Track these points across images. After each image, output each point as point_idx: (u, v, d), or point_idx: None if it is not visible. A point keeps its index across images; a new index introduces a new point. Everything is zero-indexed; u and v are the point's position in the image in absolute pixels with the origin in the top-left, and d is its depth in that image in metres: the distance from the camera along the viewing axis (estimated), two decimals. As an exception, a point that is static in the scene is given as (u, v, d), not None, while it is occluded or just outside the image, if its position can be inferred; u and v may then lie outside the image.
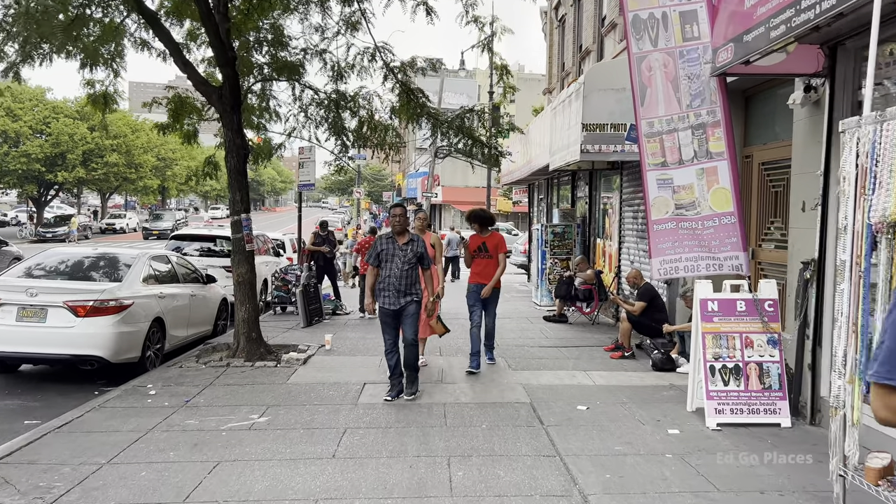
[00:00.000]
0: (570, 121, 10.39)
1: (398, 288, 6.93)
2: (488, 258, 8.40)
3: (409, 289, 6.98)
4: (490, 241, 8.48)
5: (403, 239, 7.02)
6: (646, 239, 11.24)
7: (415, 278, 7.03)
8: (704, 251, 6.37)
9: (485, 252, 8.42)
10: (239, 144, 9.18)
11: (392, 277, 6.94)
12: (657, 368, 8.62)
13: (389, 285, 6.95)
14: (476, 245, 8.49)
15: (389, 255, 6.97)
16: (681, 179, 6.39)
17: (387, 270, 6.98)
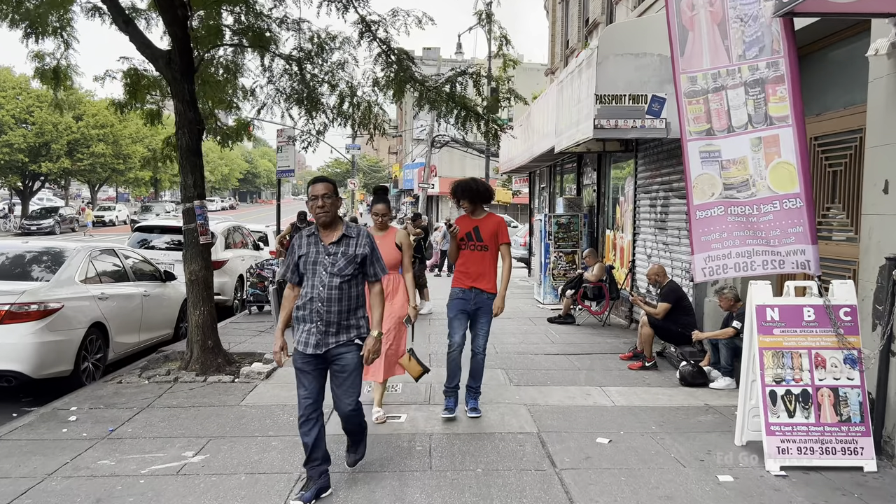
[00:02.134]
0: (581, 93, 8.98)
1: (324, 318, 4.16)
2: (482, 250, 5.82)
3: (343, 319, 4.20)
4: (485, 225, 5.87)
5: (331, 236, 4.24)
6: (665, 230, 9.89)
7: (355, 302, 4.27)
8: (761, 244, 4.99)
9: (477, 241, 5.83)
10: (191, 119, 7.78)
11: (315, 300, 4.16)
12: (686, 383, 7.25)
13: (311, 313, 4.18)
14: (465, 230, 5.88)
15: (310, 262, 4.22)
16: (731, 152, 5.00)
17: (306, 288, 4.24)
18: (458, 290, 5.93)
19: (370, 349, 4.26)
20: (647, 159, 10.57)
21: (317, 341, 4.19)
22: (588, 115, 8.50)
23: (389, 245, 5.69)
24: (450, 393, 6.01)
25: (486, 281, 5.85)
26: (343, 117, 9.94)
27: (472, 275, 5.84)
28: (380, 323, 4.37)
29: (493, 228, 5.89)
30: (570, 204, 14.29)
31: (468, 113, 8.16)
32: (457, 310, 5.91)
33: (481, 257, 5.87)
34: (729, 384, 7.13)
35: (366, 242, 4.29)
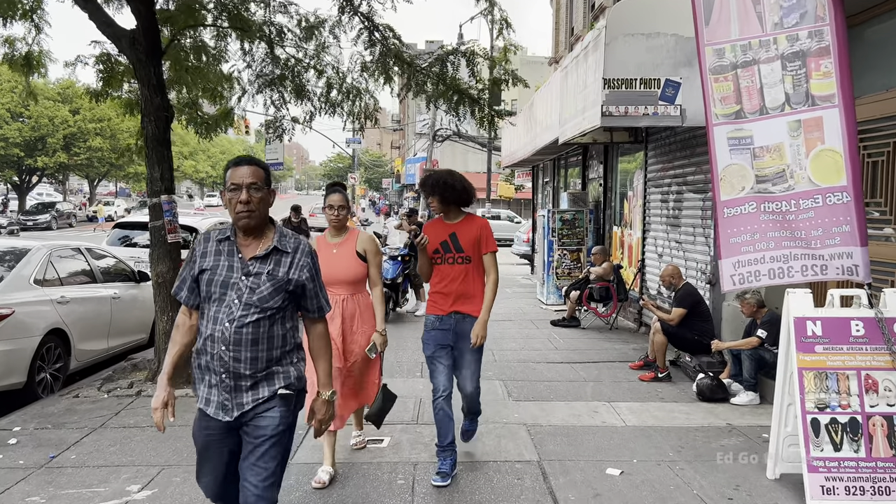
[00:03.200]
0: (587, 78, 8.24)
1: (231, 369, 2.76)
2: (463, 262, 4.48)
3: (262, 370, 2.80)
4: (464, 230, 4.52)
5: (255, 246, 2.82)
6: (678, 228, 9.15)
7: (281, 346, 2.84)
8: (800, 246, 4.26)
9: (456, 252, 4.49)
10: (158, 105, 7.06)
11: (216, 342, 2.75)
12: (704, 398, 6.52)
13: (213, 360, 2.77)
14: (439, 239, 4.53)
15: (217, 282, 2.78)
16: (764, 137, 4.26)
17: (207, 321, 2.80)
18: (433, 318, 4.54)
19: (321, 419, 2.94)
20: (658, 150, 9.83)
21: (222, 402, 2.77)
22: (595, 102, 7.76)
23: (349, 254, 4.45)
24: (444, 453, 4.57)
25: (470, 302, 4.48)
26: (330, 105, 9.23)
27: (452, 295, 4.48)
28: (328, 380, 2.96)
29: (475, 234, 4.49)
30: (575, 199, 13.55)
31: (461, 97, 7.40)
32: (434, 345, 4.54)
33: (463, 272, 4.48)
34: (752, 399, 6.40)
35: (306, 263, 2.83)
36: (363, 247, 4.51)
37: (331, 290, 4.20)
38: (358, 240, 4.53)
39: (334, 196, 4.48)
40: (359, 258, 4.47)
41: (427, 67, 7.34)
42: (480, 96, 7.68)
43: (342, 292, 4.44)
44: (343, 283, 4.43)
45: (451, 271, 4.50)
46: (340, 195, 4.49)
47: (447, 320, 4.52)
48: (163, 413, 2.89)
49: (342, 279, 4.42)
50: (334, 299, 4.38)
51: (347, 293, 4.46)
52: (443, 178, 4.51)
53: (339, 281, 4.41)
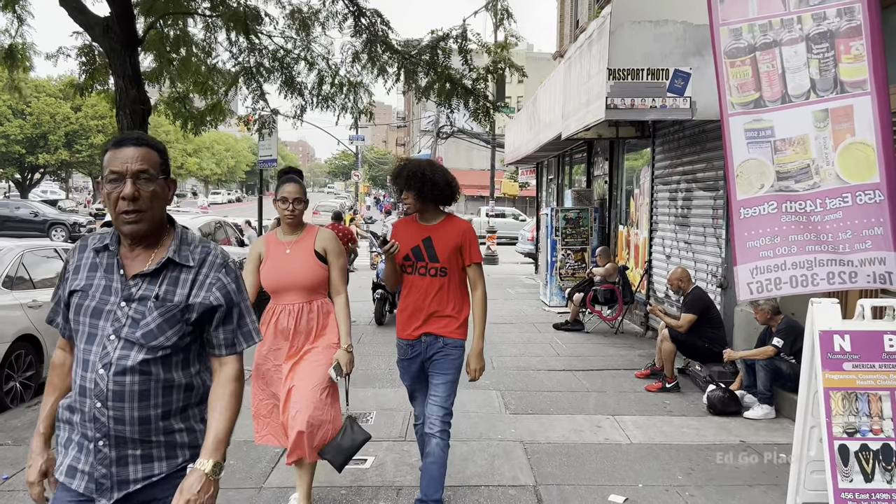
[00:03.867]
0: (591, 69, 7.78)
1: (111, 432, 1.93)
2: (438, 275, 3.70)
3: (154, 434, 1.98)
4: (442, 235, 3.74)
5: (143, 258, 2.01)
6: (687, 227, 8.69)
7: (181, 399, 2.03)
8: (826, 251, 3.81)
9: (429, 261, 3.72)
10: (134, 97, 6.66)
11: (88, 394, 1.93)
12: (716, 411, 6.07)
13: (87, 420, 1.94)
14: (409, 243, 3.77)
15: (88, 307, 1.98)
16: (787, 129, 3.81)
17: (77, 365, 1.99)
18: (401, 343, 3.85)
19: None
20: (666, 146, 9.36)
21: (97, 478, 1.95)
22: (599, 94, 7.29)
23: (305, 254, 3.70)
24: None
25: (442, 321, 3.70)
26: (322, 99, 8.81)
27: (422, 314, 3.68)
28: (218, 450, 1.96)
29: (456, 240, 3.69)
30: (580, 197, 13.09)
31: (454, 87, 6.94)
32: (407, 377, 3.94)
33: (436, 287, 3.68)
34: (767, 413, 5.95)
35: (217, 280, 2.03)
36: (323, 245, 3.74)
37: (282, 299, 3.72)
38: (317, 238, 3.77)
39: (289, 186, 3.71)
40: (318, 259, 3.72)
41: (417, 55, 6.86)
42: (475, 86, 7.21)
43: (296, 299, 3.71)
44: (298, 288, 3.69)
45: (422, 284, 3.70)
46: (296, 185, 3.73)
47: (417, 345, 3.76)
48: (41, 488, 2.07)
49: (296, 283, 3.69)
50: (286, 309, 3.70)
51: (303, 300, 3.71)
52: (422, 169, 3.67)
53: (293, 286, 3.69)
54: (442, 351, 3.73)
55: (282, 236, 3.81)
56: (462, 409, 6.10)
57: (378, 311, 10.41)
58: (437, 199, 3.74)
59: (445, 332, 3.72)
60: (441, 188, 3.70)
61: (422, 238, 3.74)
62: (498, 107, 7.54)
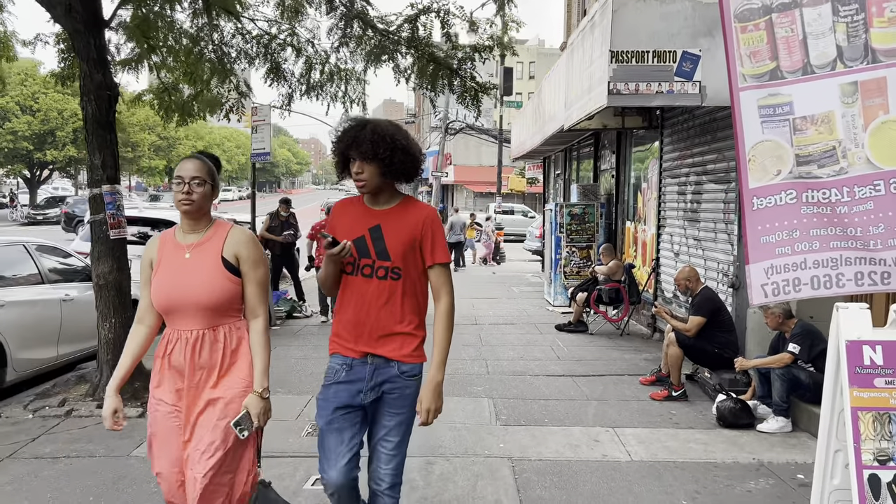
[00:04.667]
0: (593, 53, 7.25)
1: None
2: (390, 276, 2.75)
3: None
4: (396, 225, 2.78)
5: None
6: (697, 223, 8.14)
7: None
8: (855, 248, 3.27)
9: (376, 259, 2.76)
10: (99, 82, 6.19)
11: None
12: (726, 423, 5.54)
13: None
14: (352, 233, 2.79)
15: None
16: (808, 104, 3.27)
17: None
18: (337, 360, 2.81)
19: None
20: (675, 136, 8.80)
21: None
22: (601, 79, 6.77)
23: (209, 262, 2.74)
24: None
25: (395, 341, 2.76)
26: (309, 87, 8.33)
27: (367, 328, 2.75)
28: None
29: (414, 231, 2.75)
30: (585, 192, 12.55)
31: (437, 67, 6.40)
32: (333, 408, 2.75)
33: (386, 293, 2.74)
34: (782, 427, 5.42)
35: None
36: (235, 251, 2.77)
37: (177, 323, 2.73)
38: (227, 239, 2.79)
39: (187, 164, 2.76)
40: (226, 269, 2.75)
41: (395, 31, 6.33)
42: (460, 66, 6.68)
43: (194, 325, 2.71)
44: (196, 309, 2.69)
45: (367, 290, 2.74)
46: (197, 163, 2.77)
47: (359, 369, 2.75)
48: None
49: (194, 302, 2.69)
50: (182, 339, 2.72)
51: (203, 326, 2.72)
52: (390, 132, 2.70)
53: (190, 306, 2.69)
54: (395, 382, 2.75)
55: (181, 236, 2.81)
56: (448, 418, 5.62)
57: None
58: (400, 174, 2.74)
59: (400, 356, 2.75)
60: (413, 159, 2.75)
61: (368, 227, 2.76)
62: (487, 89, 7.00)
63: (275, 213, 11.93)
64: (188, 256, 2.76)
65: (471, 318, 10.64)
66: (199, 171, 2.75)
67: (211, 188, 2.81)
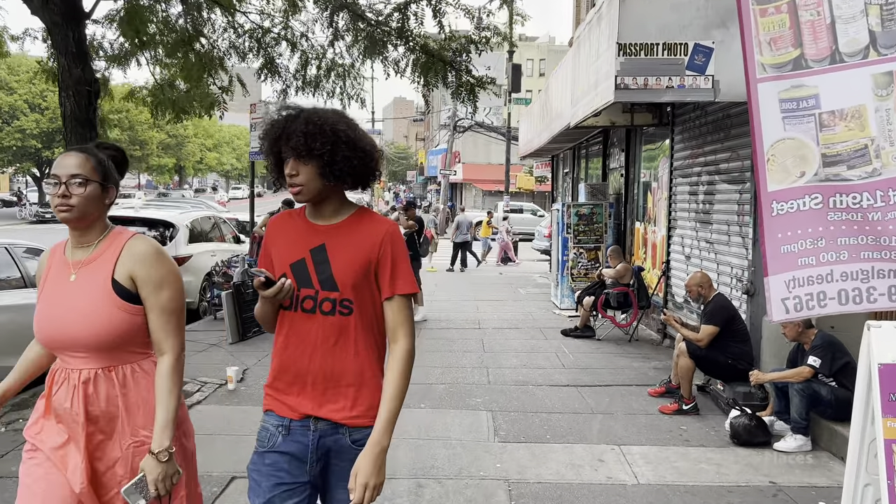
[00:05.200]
0: (600, 46, 6.89)
1: None
2: (335, 313, 2.10)
3: None
4: (346, 244, 2.14)
5: None
6: (709, 225, 7.76)
7: None
8: (889, 259, 2.91)
9: (320, 289, 2.11)
10: (78, 77, 5.91)
11: None
12: (740, 441, 5.17)
13: None
14: (290, 257, 2.16)
15: None
16: (837, 98, 2.91)
17: None
18: (272, 421, 2.17)
19: None
20: (686, 134, 8.42)
21: None
22: (608, 74, 6.41)
23: (97, 285, 2.14)
24: None
25: (347, 396, 2.13)
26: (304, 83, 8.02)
27: (309, 379, 2.13)
28: None
29: (368, 253, 2.13)
30: (594, 191, 12.18)
31: (430, 59, 6.05)
32: (272, 485, 2.12)
33: (334, 334, 2.12)
34: (801, 445, 5.04)
35: None
36: (129, 270, 2.15)
37: (65, 360, 2.16)
38: (122, 255, 2.16)
39: (66, 159, 2.13)
40: (118, 295, 2.14)
41: (384, 20, 5.98)
42: (455, 59, 6.31)
43: (83, 363, 2.13)
44: (81, 346, 2.11)
45: (310, 329, 2.11)
46: (79, 158, 2.13)
47: (299, 434, 2.12)
48: None
49: (73, 339, 2.11)
50: (67, 376, 2.14)
51: (96, 365, 2.14)
52: (328, 120, 2.07)
53: (70, 343, 2.12)
54: (345, 454, 2.12)
55: (70, 251, 2.20)
56: (444, 433, 5.30)
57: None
58: (354, 178, 2.12)
59: (351, 418, 2.11)
60: (364, 157, 2.11)
61: (310, 247, 2.14)
62: (484, 83, 6.63)
63: (275, 212, 11.63)
64: (73, 279, 2.14)
65: (474, 321, 10.30)
66: (80, 168, 2.09)
67: (101, 188, 2.14)
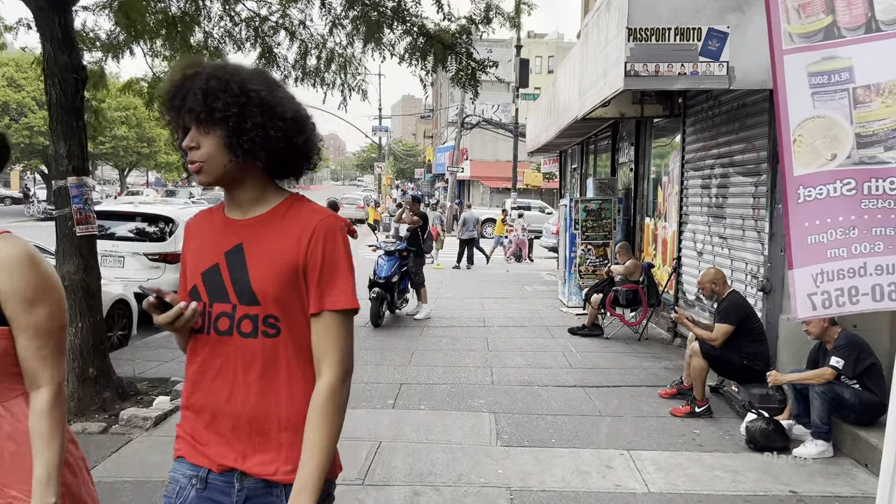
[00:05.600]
0: (609, 32, 6.60)
1: None
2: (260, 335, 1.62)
3: None
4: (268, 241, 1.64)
5: None
6: (722, 219, 7.46)
7: None
8: (929, 250, 2.62)
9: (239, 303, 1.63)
10: (65, 64, 5.66)
11: None
12: (757, 446, 4.89)
13: None
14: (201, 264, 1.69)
15: None
16: (873, 70, 2.63)
17: None
18: (183, 470, 1.70)
19: None
20: (698, 125, 8.12)
21: None
22: (618, 60, 6.12)
23: None
24: None
25: (280, 444, 1.64)
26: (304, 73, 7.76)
27: (229, 422, 1.64)
28: None
29: (294, 253, 1.62)
30: (602, 186, 11.88)
31: (428, 41, 5.77)
32: None
33: (259, 360, 1.63)
34: (822, 452, 4.76)
35: None
36: None
37: None
38: None
39: None
40: None
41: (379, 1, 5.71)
42: (454, 41, 6.03)
43: None
44: None
45: (227, 355, 1.65)
46: None
47: (219, 490, 1.66)
48: None
49: None
50: None
51: None
52: (236, 76, 1.60)
53: None
54: None
55: None
56: (444, 437, 5.05)
57: (374, 311, 9.40)
58: (272, 156, 1.63)
59: (289, 474, 1.60)
60: (287, 129, 1.62)
61: (225, 249, 1.67)
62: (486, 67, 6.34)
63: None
64: None
65: (479, 319, 10.04)
66: None
67: None
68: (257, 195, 1.70)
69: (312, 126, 1.72)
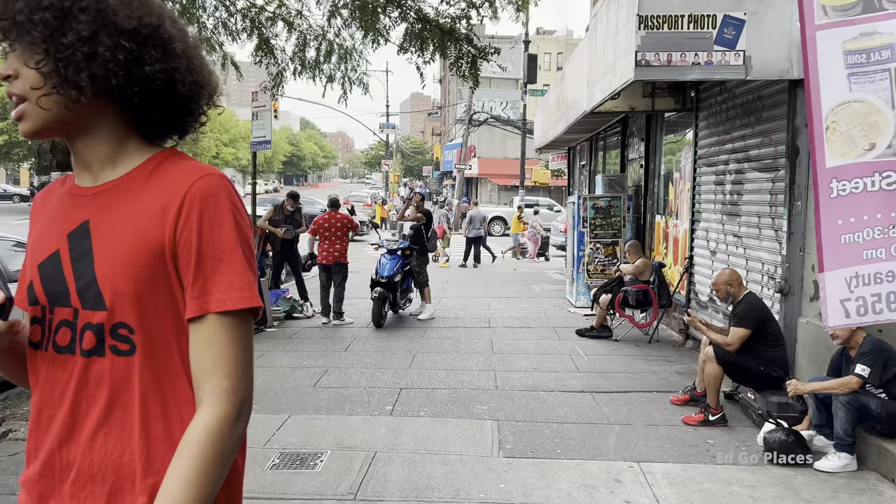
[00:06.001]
0: (618, 21, 6.31)
1: None
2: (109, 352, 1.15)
3: None
4: (118, 213, 1.16)
5: None
6: (737, 217, 7.15)
7: None
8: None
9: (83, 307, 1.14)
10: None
11: None
12: (775, 459, 4.59)
13: None
14: (40, 255, 1.20)
15: None
16: (917, 53, 2.33)
17: None
18: None
19: None
20: (712, 119, 7.81)
21: None
22: (628, 50, 5.84)
23: None
24: None
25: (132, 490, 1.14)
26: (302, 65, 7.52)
27: (70, 472, 1.17)
28: None
29: (157, 228, 1.15)
30: (611, 183, 11.57)
31: (426, 26, 5.50)
32: None
33: (105, 391, 1.16)
34: (846, 465, 4.45)
35: None
36: None
37: None
38: None
39: None
40: None
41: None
42: (453, 27, 5.76)
43: None
44: None
45: (68, 383, 1.17)
46: None
47: None
48: None
49: None
50: None
51: None
52: None
53: None
54: None
55: None
56: (442, 446, 4.78)
57: (376, 312, 9.14)
58: (122, 89, 1.14)
59: None
60: (142, 48, 1.13)
61: (68, 230, 1.20)
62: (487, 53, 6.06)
63: (279, 205, 11.15)
64: None
65: (484, 320, 9.77)
66: None
67: None
68: (111, 152, 1.20)
69: (194, 49, 1.21)
